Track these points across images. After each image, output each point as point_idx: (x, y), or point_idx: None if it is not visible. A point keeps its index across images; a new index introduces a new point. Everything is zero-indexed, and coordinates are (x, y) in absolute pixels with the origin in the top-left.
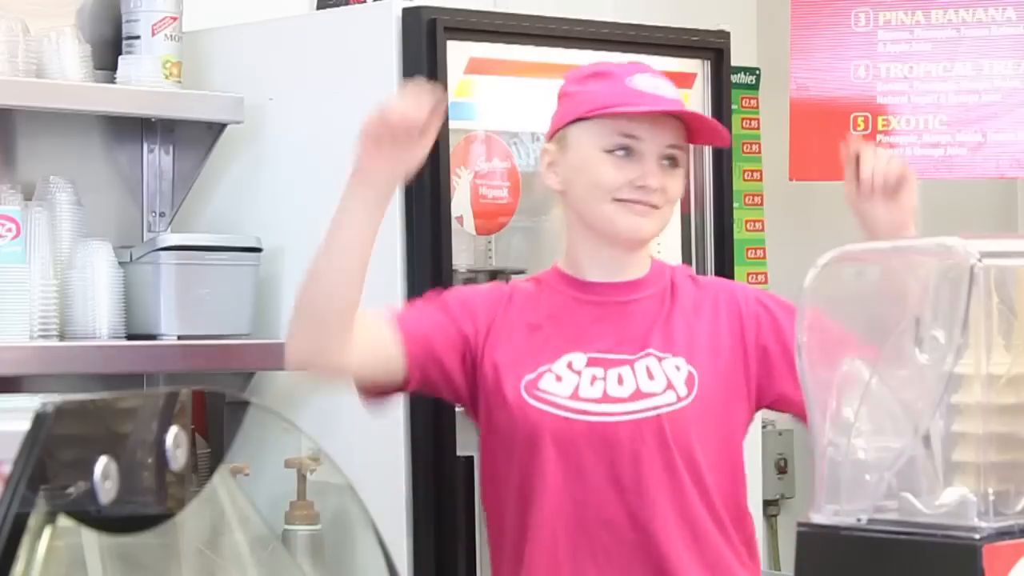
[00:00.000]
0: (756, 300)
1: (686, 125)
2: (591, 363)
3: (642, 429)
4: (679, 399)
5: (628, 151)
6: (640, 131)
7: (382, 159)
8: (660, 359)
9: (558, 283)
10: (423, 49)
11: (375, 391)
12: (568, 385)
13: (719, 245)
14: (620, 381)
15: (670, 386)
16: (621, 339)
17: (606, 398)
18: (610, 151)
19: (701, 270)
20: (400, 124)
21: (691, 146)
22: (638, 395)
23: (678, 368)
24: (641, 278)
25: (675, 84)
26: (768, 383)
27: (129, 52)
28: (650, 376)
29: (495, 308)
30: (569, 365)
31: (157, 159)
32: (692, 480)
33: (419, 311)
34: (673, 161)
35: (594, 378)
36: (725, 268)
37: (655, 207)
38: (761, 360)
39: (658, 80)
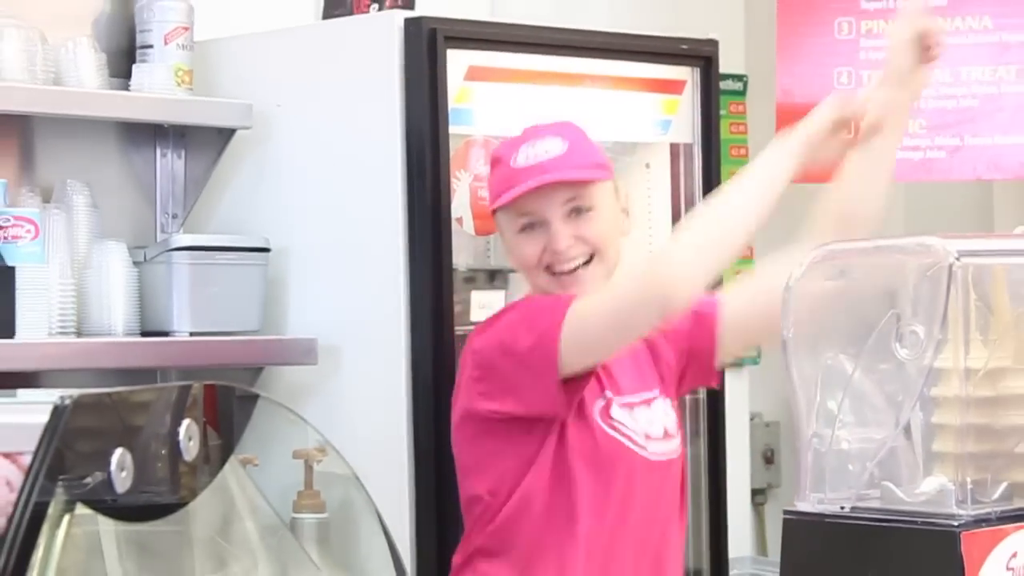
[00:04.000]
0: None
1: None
2: (623, 406)
3: (670, 469)
4: (681, 441)
5: (533, 225)
6: (531, 205)
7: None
8: (664, 400)
9: None
10: (424, 57)
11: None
12: (628, 419)
13: None
14: (650, 422)
15: (680, 427)
16: (639, 379)
17: (649, 437)
18: (520, 231)
19: None
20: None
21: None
22: (667, 435)
23: (673, 409)
24: None
25: (663, 93)
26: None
27: (143, 61)
28: (666, 416)
29: None
30: (622, 406)
31: (170, 163)
32: (681, 514)
33: None
34: (579, 210)
35: (637, 416)
36: None
37: (588, 260)
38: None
39: (539, 146)
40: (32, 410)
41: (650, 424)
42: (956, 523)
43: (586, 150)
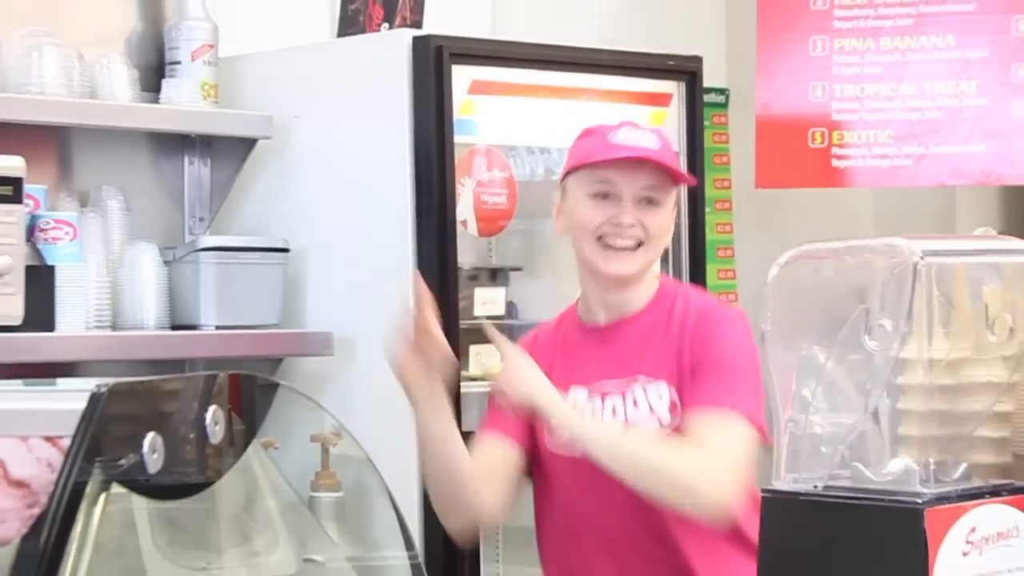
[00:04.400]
0: (696, 328)
1: (668, 169)
2: (591, 394)
3: None
4: (661, 426)
5: (607, 195)
6: (615, 177)
7: (413, 373)
8: (646, 386)
9: (571, 326)
10: (431, 72)
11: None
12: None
13: (693, 245)
14: (614, 413)
15: (652, 412)
16: (615, 367)
17: None
18: (592, 195)
19: (677, 267)
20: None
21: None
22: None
23: (660, 396)
24: (640, 311)
25: (651, 105)
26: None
27: (171, 76)
28: (636, 406)
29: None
30: (577, 401)
31: (197, 170)
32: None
33: (491, 412)
34: (650, 201)
35: (593, 412)
36: (698, 266)
37: (636, 246)
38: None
39: (638, 133)
40: (71, 397)
41: (611, 417)
42: (920, 500)
43: (673, 156)
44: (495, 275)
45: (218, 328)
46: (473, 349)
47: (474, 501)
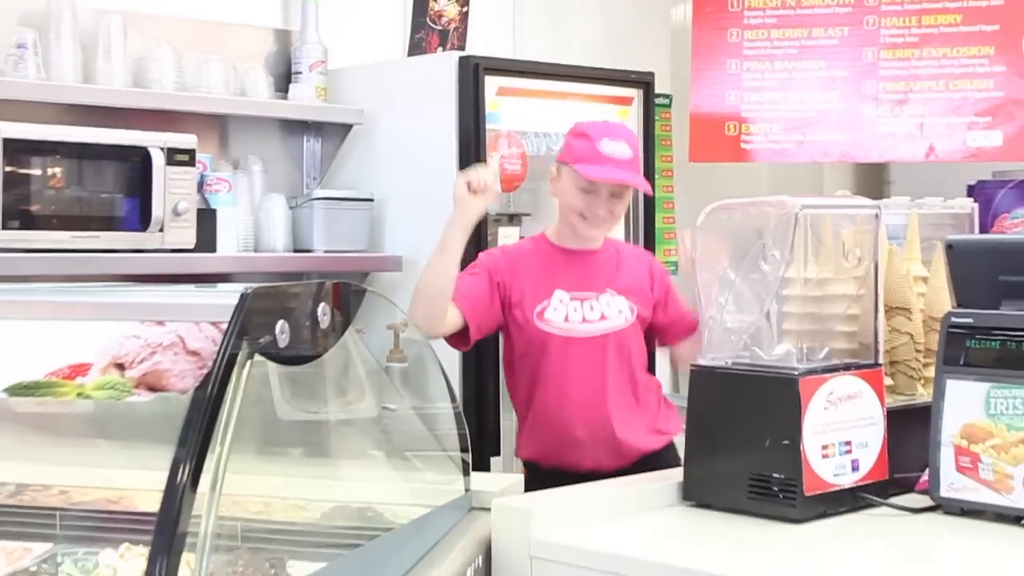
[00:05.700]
0: (662, 276)
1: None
2: (573, 298)
3: (606, 340)
4: (626, 322)
5: (589, 191)
6: (595, 184)
7: (468, 209)
8: (614, 296)
9: (548, 249)
10: (470, 81)
11: (455, 339)
12: (561, 313)
13: (647, 202)
14: (592, 309)
15: (621, 314)
16: (590, 283)
17: (585, 321)
18: (579, 188)
19: (635, 217)
20: (474, 186)
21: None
22: (603, 318)
23: (627, 302)
24: (599, 248)
25: (619, 105)
26: (655, 314)
27: (296, 81)
28: (609, 306)
29: (508, 266)
30: (561, 300)
31: (312, 146)
32: (627, 368)
33: (466, 283)
34: (618, 194)
35: (576, 307)
36: (650, 214)
37: (606, 221)
38: (656, 304)
39: (617, 145)
40: (228, 296)
41: (590, 311)
42: (796, 373)
43: (639, 161)
44: (512, 218)
45: (325, 252)
46: None
47: (442, 319)
